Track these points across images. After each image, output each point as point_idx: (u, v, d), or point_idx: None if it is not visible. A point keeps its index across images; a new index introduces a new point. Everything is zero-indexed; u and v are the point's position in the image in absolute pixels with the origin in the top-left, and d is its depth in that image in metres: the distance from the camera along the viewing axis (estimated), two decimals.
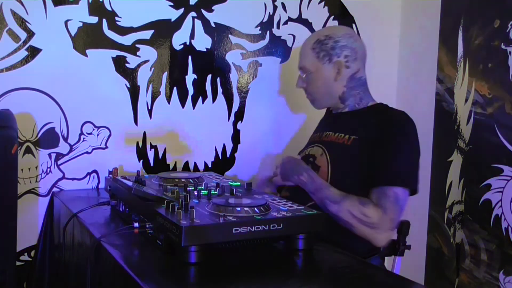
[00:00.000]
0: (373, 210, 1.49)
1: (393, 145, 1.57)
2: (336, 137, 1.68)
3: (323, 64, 1.69)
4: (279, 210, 1.27)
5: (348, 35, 1.71)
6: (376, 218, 1.49)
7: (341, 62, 1.68)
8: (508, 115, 1.89)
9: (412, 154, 1.59)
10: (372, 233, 1.50)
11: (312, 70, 1.71)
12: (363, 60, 1.73)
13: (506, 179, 1.90)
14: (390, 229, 1.51)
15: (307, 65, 1.72)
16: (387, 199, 1.50)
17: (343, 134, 1.67)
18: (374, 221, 1.49)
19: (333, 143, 1.68)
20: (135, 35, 1.94)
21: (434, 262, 2.25)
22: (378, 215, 1.49)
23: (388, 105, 1.73)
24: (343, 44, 1.68)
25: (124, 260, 1.18)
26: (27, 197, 1.85)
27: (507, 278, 1.91)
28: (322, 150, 1.68)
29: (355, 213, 1.50)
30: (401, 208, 1.52)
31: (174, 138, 2.06)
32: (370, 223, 1.49)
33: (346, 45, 1.68)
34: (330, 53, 1.68)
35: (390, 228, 1.51)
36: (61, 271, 1.72)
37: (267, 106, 2.21)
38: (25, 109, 1.81)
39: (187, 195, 1.29)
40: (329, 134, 1.72)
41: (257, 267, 1.19)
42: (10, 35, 1.77)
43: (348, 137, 1.65)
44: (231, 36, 2.11)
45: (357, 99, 1.72)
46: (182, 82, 2.04)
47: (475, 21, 2.04)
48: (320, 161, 1.66)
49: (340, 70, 1.68)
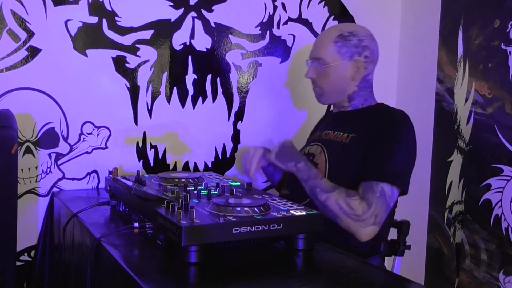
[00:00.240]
0: (359, 203, 1.49)
1: (386, 143, 1.57)
2: (335, 135, 1.69)
3: (343, 60, 1.66)
4: (279, 210, 1.27)
5: (371, 36, 1.71)
6: (361, 211, 1.48)
7: (362, 62, 1.67)
8: (508, 115, 1.89)
9: (404, 155, 1.58)
10: (356, 226, 1.49)
11: (331, 63, 1.67)
12: (375, 64, 1.73)
13: (506, 179, 1.90)
14: (374, 224, 1.49)
15: (326, 57, 1.67)
16: (372, 194, 1.50)
17: (341, 133, 1.67)
18: (358, 213, 1.48)
19: (332, 141, 1.68)
20: (135, 35, 1.94)
21: (434, 262, 2.25)
22: (362, 209, 1.48)
23: (388, 105, 1.73)
24: (366, 45, 1.67)
25: (124, 260, 1.18)
26: (27, 197, 1.85)
27: (507, 278, 1.91)
28: (321, 148, 1.68)
29: (341, 204, 1.49)
30: (387, 205, 1.51)
31: (174, 138, 2.06)
32: (355, 216, 1.48)
33: (368, 46, 1.68)
34: (352, 50, 1.66)
35: (373, 223, 1.49)
36: (61, 271, 1.72)
37: (267, 106, 2.21)
38: (25, 109, 1.81)
39: (187, 195, 1.29)
40: (329, 133, 1.72)
41: (257, 267, 1.19)
42: (10, 35, 1.77)
43: (347, 136, 1.65)
44: (231, 36, 2.11)
45: (363, 99, 1.72)
46: (182, 82, 2.04)
47: (475, 21, 2.05)
48: (318, 159, 1.66)
49: (360, 69, 1.68)
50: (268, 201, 1.33)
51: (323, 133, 1.75)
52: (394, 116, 1.65)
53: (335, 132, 1.70)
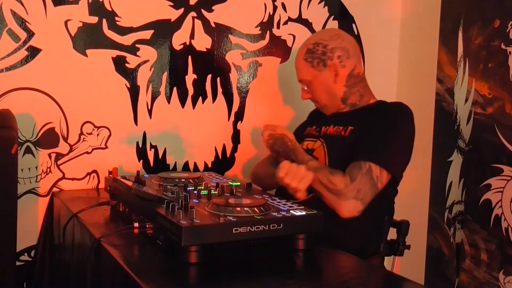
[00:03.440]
0: (340, 179, 1.50)
1: (381, 129, 1.58)
2: (335, 130, 1.70)
3: (319, 71, 1.70)
4: (279, 210, 1.27)
5: (335, 36, 1.71)
6: (342, 185, 1.49)
7: (336, 63, 1.68)
8: (508, 115, 1.89)
9: (400, 141, 1.59)
10: (336, 200, 1.50)
11: (311, 79, 1.72)
12: (357, 56, 1.73)
13: (506, 179, 1.90)
14: (356, 199, 1.49)
15: (305, 77, 1.73)
16: (358, 171, 1.50)
17: (342, 127, 1.68)
18: (338, 188, 1.49)
19: (332, 136, 1.69)
20: (135, 35, 1.94)
21: (434, 262, 2.25)
22: (344, 183, 1.49)
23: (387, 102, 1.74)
24: (332, 47, 1.69)
25: (124, 260, 1.17)
26: (27, 197, 1.85)
27: (507, 278, 1.91)
28: (321, 143, 1.69)
29: (323, 181, 1.50)
30: (372, 183, 1.51)
31: (174, 138, 2.06)
32: (335, 190, 1.49)
33: (335, 46, 1.69)
34: (322, 58, 1.69)
35: (355, 197, 1.49)
36: (61, 271, 1.72)
37: (267, 106, 2.21)
38: (25, 109, 1.81)
39: (187, 195, 1.29)
40: (329, 128, 1.72)
41: (257, 267, 1.19)
42: (10, 35, 1.77)
43: (346, 129, 1.66)
44: (231, 36, 2.11)
45: (358, 96, 1.72)
46: (182, 82, 2.04)
47: (475, 21, 2.05)
48: (318, 154, 1.67)
49: (337, 71, 1.69)
50: (268, 201, 1.33)
51: (323, 128, 1.75)
52: (392, 108, 1.66)
53: (335, 127, 1.70)
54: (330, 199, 1.51)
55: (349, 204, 1.49)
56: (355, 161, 1.53)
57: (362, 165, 1.51)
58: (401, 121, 1.61)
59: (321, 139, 1.71)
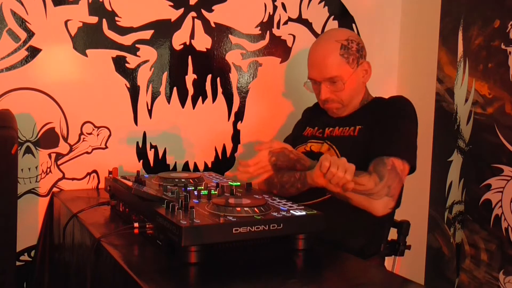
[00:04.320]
0: (368, 178, 1.48)
1: (393, 122, 1.58)
2: (341, 131, 1.68)
3: (353, 68, 1.66)
4: (279, 210, 1.27)
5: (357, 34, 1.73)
6: (372, 184, 1.47)
7: (366, 63, 1.69)
8: (508, 115, 1.89)
9: (411, 131, 1.60)
10: (368, 201, 1.48)
11: (346, 77, 1.64)
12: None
13: (506, 179, 1.90)
14: (388, 196, 1.48)
15: (339, 73, 1.63)
16: (384, 167, 1.49)
17: (348, 127, 1.67)
18: (368, 187, 1.47)
19: (340, 137, 1.67)
20: (135, 35, 1.94)
21: (434, 262, 2.25)
22: (373, 182, 1.47)
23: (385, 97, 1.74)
24: (362, 45, 1.70)
25: (124, 260, 1.18)
26: (27, 197, 1.85)
27: (507, 278, 1.90)
28: (329, 146, 1.67)
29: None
30: (399, 178, 1.50)
31: (174, 138, 2.06)
32: (364, 190, 1.47)
33: (363, 45, 1.70)
34: (357, 55, 1.66)
35: (387, 194, 1.48)
36: (61, 271, 1.72)
37: (267, 106, 2.21)
38: (25, 109, 1.81)
39: (187, 195, 1.29)
40: (334, 130, 1.71)
41: (257, 267, 1.19)
42: (10, 35, 1.77)
43: (354, 128, 1.65)
44: (231, 36, 2.11)
45: (366, 95, 1.74)
46: (182, 82, 2.04)
47: (475, 21, 2.04)
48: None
49: (368, 71, 1.69)
50: (268, 201, 1.33)
51: (326, 129, 1.73)
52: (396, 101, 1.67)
53: (340, 128, 1.69)
54: (360, 200, 1.49)
55: (383, 202, 1.49)
56: (375, 158, 1.52)
57: (385, 161, 1.50)
58: (408, 112, 1.62)
59: (327, 142, 1.69)
